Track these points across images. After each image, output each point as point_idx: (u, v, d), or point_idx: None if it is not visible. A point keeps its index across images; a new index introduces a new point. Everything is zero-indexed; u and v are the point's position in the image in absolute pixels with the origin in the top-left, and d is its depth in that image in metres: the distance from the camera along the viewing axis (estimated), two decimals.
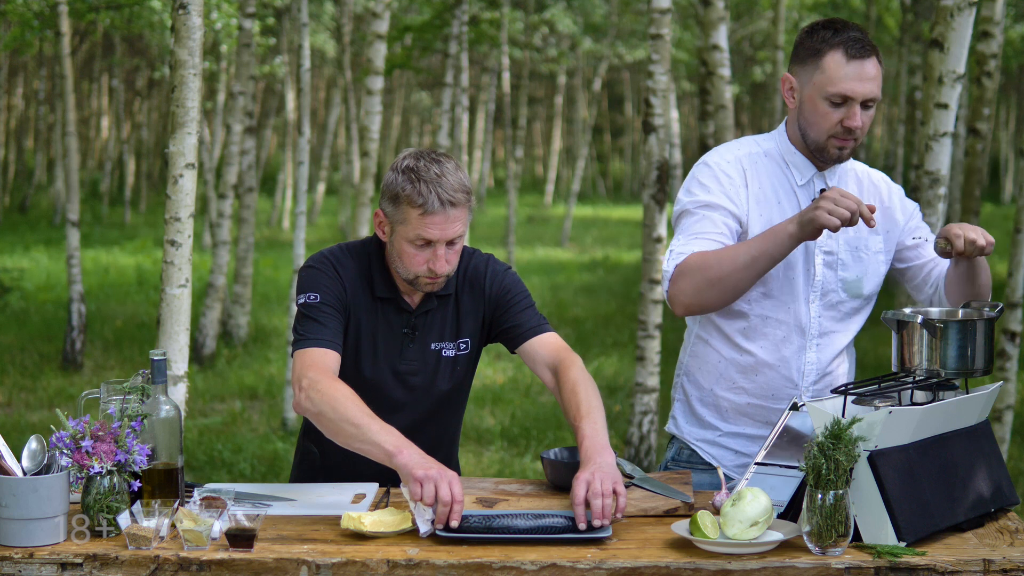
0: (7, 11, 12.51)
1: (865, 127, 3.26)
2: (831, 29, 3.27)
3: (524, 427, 9.18)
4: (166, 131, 23.77)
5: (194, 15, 4.41)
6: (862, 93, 3.21)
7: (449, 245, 3.11)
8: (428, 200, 3.04)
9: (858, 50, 3.22)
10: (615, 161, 43.70)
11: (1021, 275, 7.24)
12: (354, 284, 3.21)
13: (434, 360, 3.27)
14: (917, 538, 2.68)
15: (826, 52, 3.23)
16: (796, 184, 3.33)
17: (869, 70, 3.22)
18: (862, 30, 3.29)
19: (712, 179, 3.30)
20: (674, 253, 3.24)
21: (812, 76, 3.25)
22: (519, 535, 2.72)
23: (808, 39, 3.30)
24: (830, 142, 3.26)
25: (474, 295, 3.28)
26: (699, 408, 3.42)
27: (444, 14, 15.03)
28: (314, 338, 3.11)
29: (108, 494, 2.76)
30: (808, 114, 3.28)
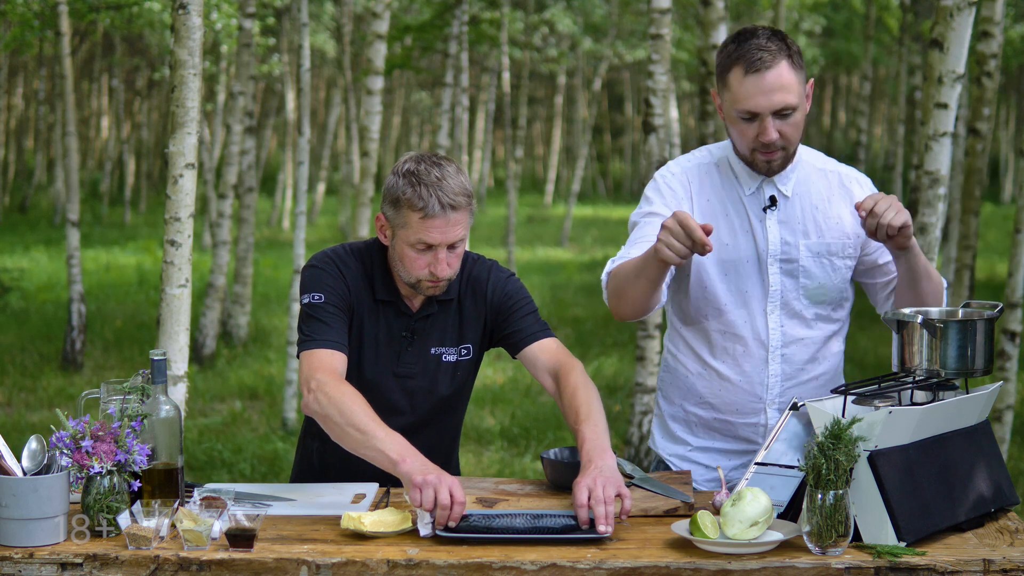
0: (7, 11, 12.51)
1: (790, 136, 3.15)
2: (735, 42, 3.16)
3: (524, 427, 9.18)
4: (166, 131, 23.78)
5: (194, 15, 4.41)
6: (767, 107, 3.10)
7: (450, 249, 3.11)
8: (429, 204, 3.04)
9: (757, 62, 3.09)
10: (615, 161, 43.69)
11: (1021, 275, 7.24)
12: (357, 285, 3.21)
13: (434, 365, 3.26)
14: (917, 538, 2.68)
15: (730, 68, 3.15)
16: (744, 194, 3.26)
17: (771, 81, 3.09)
18: (773, 34, 3.15)
19: (656, 192, 3.30)
20: (610, 261, 3.26)
21: (723, 93, 3.19)
22: (519, 535, 2.72)
23: (720, 54, 3.21)
24: (755, 155, 3.20)
25: (476, 301, 3.28)
26: (671, 423, 3.41)
27: (444, 14, 15.03)
28: (321, 339, 3.11)
29: (108, 494, 2.76)
30: (730, 130, 3.23)
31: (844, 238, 3.29)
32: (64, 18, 10.92)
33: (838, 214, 3.29)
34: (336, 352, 3.11)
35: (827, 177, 3.31)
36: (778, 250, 3.24)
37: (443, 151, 14.63)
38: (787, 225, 3.26)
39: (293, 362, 9.23)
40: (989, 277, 16.99)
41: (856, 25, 23.77)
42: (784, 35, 3.16)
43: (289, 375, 9.25)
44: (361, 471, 3.17)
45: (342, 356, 3.12)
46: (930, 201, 5.04)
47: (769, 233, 3.25)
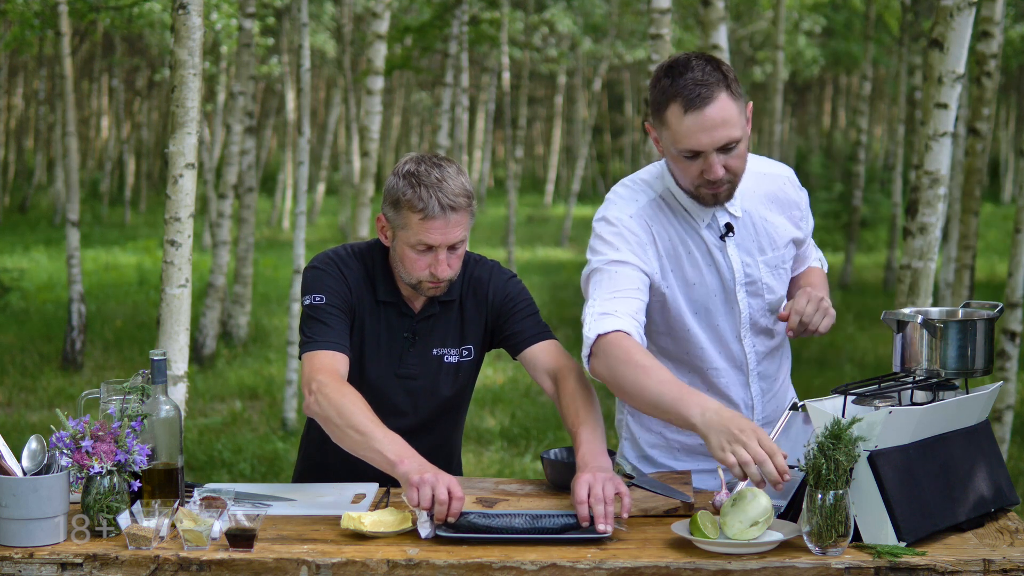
0: (7, 10, 12.51)
1: (735, 168, 3.01)
2: (670, 76, 2.97)
3: (524, 427, 9.18)
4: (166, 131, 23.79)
5: (194, 15, 4.41)
6: (709, 144, 2.95)
7: (451, 250, 3.11)
8: (429, 205, 3.04)
9: (695, 99, 2.92)
10: (615, 161, 43.69)
11: (1021, 275, 7.24)
12: (359, 286, 3.21)
13: (436, 366, 3.27)
14: (917, 538, 2.68)
15: (666, 105, 2.97)
16: (700, 227, 3.14)
17: (712, 116, 2.92)
18: (708, 63, 2.96)
19: (617, 236, 3.07)
20: (595, 315, 2.97)
21: (662, 131, 3.02)
22: (519, 535, 2.72)
23: (653, 89, 3.03)
24: (700, 191, 3.05)
25: (477, 302, 3.28)
26: (649, 450, 3.34)
27: (444, 14, 15.03)
28: (322, 340, 3.11)
29: (108, 494, 2.76)
30: (671, 167, 3.09)
31: (790, 245, 3.29)
32: (64, 18, 10.92)
33: (779, 221, 3.26)
34: (337, 353, 3.11)
35: (762, 182, 3.23)
36: (742, 275, 3.18)
37: (443, 151, 14.63)
38: (743, 246, 3.19)
39: (293, 362, 9.24)
40: (989, 277, 16.99)
41: (856, 25, 23.76)
42: (718, 61, 2.99)
43: (289, 375, 9.25)
44: (362, 471, 3.17)
45: (343, 357, 3.12)
46: (930, 201, 5.04)
47: (731, 260, 3.17)
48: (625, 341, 2.91)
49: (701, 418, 2.71)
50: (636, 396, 2.87)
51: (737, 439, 2.65)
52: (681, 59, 2.99)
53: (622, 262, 3.04)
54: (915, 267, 5.04)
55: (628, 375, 2.87)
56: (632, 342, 2.91)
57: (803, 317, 3.10)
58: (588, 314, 3.00)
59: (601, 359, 2.93)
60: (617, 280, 3.02)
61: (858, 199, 16.86)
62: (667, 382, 2.82)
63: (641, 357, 2.87)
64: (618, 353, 2.90)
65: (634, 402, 2.90)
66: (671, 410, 2.78)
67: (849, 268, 17.15)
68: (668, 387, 2.81)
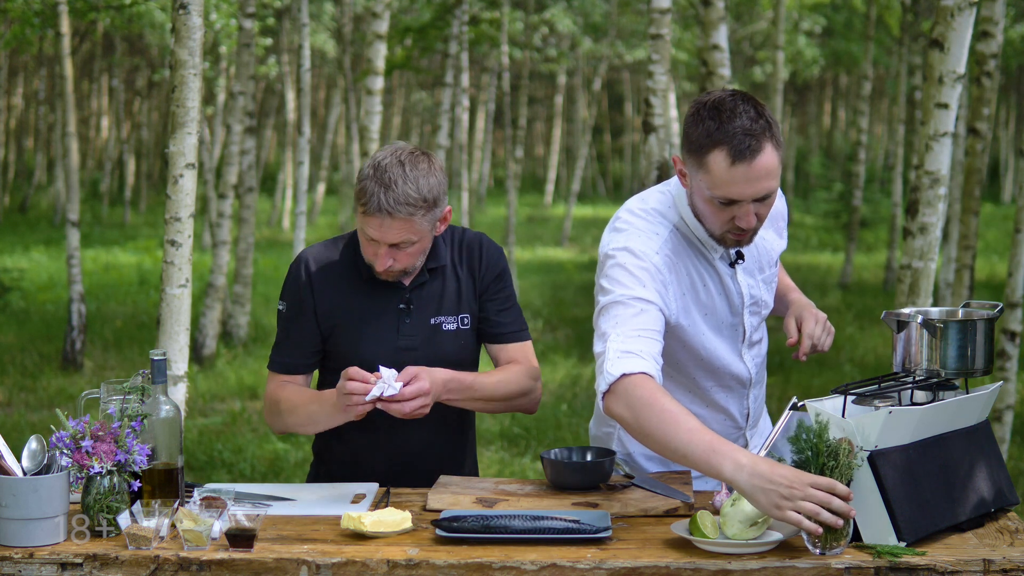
0: (8, 8, 12.52)
1: (764, 216, 2.97)
2: (716, 119, 2.86)
3: (524, 427, 9.18)
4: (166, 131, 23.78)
5: (194, 15, 4.41)
6: (751, 195, 2.89)
7: (394, 247, 3.17)
8: (370, 202, 3.12)
9: (744, 149, 2.83)
10: (615, 161, 43.69)
11: (1021, 275, 7.24)
12: (333, 276, 3.29)
13: (434, 334, 3.30)
14: (917, 538, 2.68)
15: (710, 150, 2.86)
16: (714, 258, 3.12)
17: (759, 168, 2.85)
18: (758, 111, 2.88)
19: (644, 272, 2.98)
20: (618, 351, 2.86)
21: (697, 172, 2.92)
22: (519, 535, 2.72)
23: (692, 128, 2.91)
24: (726, 236, 3.00)
25: (471, 269, 3.34)
26: (642, 460, 3.32)
27: (444, 14, 15.03)
28: (276, 360, 3.35)
29: (108, 494, 2.76)
30: (699, 208, 3.01)
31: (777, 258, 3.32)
32: (64, 18, 10.92)
33: (771, 236, 3.28)
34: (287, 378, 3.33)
35: None
36: (748, 297, 3.20)
37: (443, 151, 14.64)
38: (747, 269, 3.20)
39: None
40: (989, 277, 17.00)
41: (856, 25, 23.76)
42: (761, 106, 2.90)
43: None
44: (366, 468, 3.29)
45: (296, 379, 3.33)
46: (930, 201, 5.04)
47: (740, 286, 3.18)
48: (650, 384, 2.82)
49: (738, 475, 2.59)
50: (660, 442, 2.76)
51: (791, 495, 2.54)
52: (727, 101, 2.88)
53: (648, 301, 2.95)
54: (915, 267, 5.04)
55: (653, 420, 2.76)
56: (656, 386, 2.82)
57: (814, 340, 3.21)
58: (610, 349, 2.87)
59: (622, 399, 2.82)
60: (642, 319, 2.92)
61: (858, 199, 16.86)
62: (696, 431, 2.70)
63: (668, 402, 2.77)
64: (643, 395, 2.79)
65: (656, 447, 2.78)
66: (701, 461, 2.67)
67: (849, 268, 17.15)
68: (697, 437, 2.69)
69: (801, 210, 27.33)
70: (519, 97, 23.51)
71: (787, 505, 2.53)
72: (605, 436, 3.35)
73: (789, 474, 2.56)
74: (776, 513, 2.55)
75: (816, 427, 2.68)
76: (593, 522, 2.77)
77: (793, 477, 2.56)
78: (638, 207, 3.12)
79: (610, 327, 2.92)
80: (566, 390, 10.49)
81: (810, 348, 3.22)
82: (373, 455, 3.34)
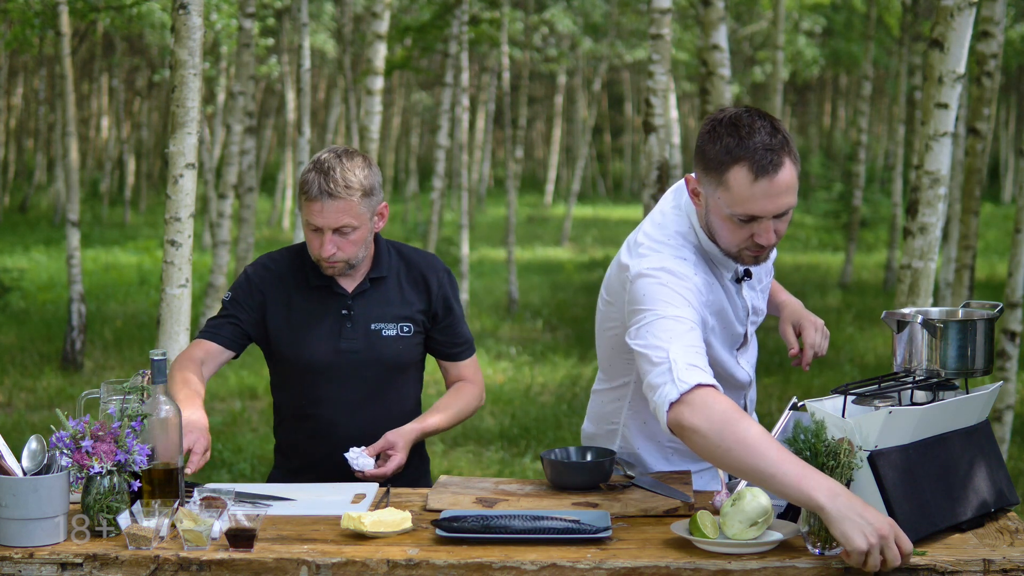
0: (8, 9, 12.52)
1: (782, 232, 2.94)
2: (735, 136, 2.85)
3: (524, 427, 9.18)
4: (166, 131, 23.77)
5: (194, 15, 4.41)
6: (773, 211, 2.87)
7: (338, 233, 3.38)
8: (311, 188, 3.37)
9: (767, 165, 2.82)
10: (615, 161, 43.69)
11: (1021, 275, 7.24)
12: (280, 280, 3.51)
13: (374, 339, 3.49)
14: (917, 538, 2.68)
15: (730, 167, 2.85)
16: (725, 278, 3.11)
17: (780, 183, 2.84)
18: (775, 126, 2.87)
19: (689, 293, 2.94)
20: (685, 364, 2.77)
21: (716, 190, 2.90)
22: (519, 535, 2.72)
23: (710, 144, 2.89)
24: (743, 253, 2.98)
25: (415, 284, 3.55)
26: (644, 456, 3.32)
27: (444, 14, 15.03)
28: (209, 330, 3.53)
29: (108, 494, 2.76)
30: (716, 226, 2.97)
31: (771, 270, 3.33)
32: (64, 18, 10.92)
33: None
34: (207, 343, 3.51)
35: None
36: (751, 309, 3.23)
37: (443, 151, 14.64)
38: (749, 283, 3.22)
39: None
40: (989, 277, 17.00)
41: (856, 25, 23.77)
42: (778, 122, 2.90)
43: None
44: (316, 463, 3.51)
45: (212, 346, 3.50)
46: (930, 201, 5.04)
47: (746, 300, 3.20)
48: (727, 399, 2.73)
49: (833, 503, 2.52)
50: (745, 460, 2.63)
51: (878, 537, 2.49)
52: (744, 118, 2.87)
53: (693, 322, 2.88)
54: (915, 267, 5.04)
55: (739, 436, 2.64)
56: (734, 403, 2.74)
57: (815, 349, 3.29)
58: (677, 360, 2.77)
59: (699, 411, 2.70)
60: (694, 336, 2.85)
61: (858, 199, 16.86)
62: (785, 453, 2.62)
63: (751, 422, 2.68)
64: (725, 409, 2.69)
65: (735, 463, 2.66)
66: (791, 484, 2.57)
67: (849, 268, 17.15)
68: (788, 459, 2.60)
69: (801, 210, 27.35)
70: (519, 97, 23.51)
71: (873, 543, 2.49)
72: (607, 434, 3.34)
73: (881, 518, 2.52)
74: (858, 544, 2.48)
75: (813, 427, 2.68)
76: (593, 522, 2.77)
77: (885, 521, 2.52)
78: (658, 232, 3.08)
79: (665, 341, 2.81)
80: (566, 390, 10.49)
81: (812, 357, 3.31)
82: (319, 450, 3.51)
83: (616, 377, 3.27)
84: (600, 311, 3.23)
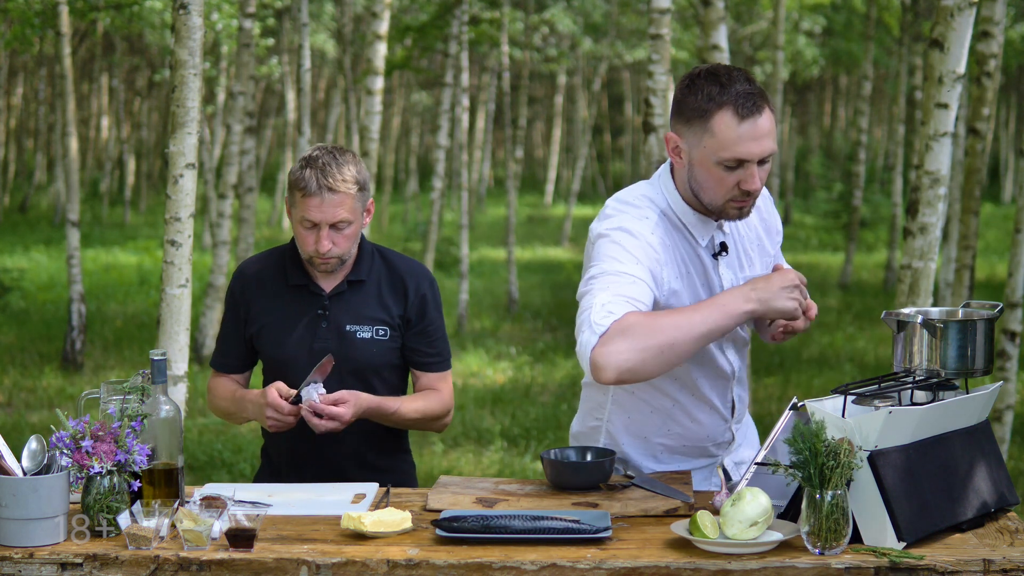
0: (8, 8, 12.52)
1: (763, 181, 3.01)
2: (716, 84, 2.95)
3: (524, 427, 9.18)
4: (166, 131, 23.79)
5: (194, 15, 4.41)
6: (759, 153, 2.95)
7: (334, 229, 3.41)
8: (309, 184, 3.39)
9: (750, 107, 2.92)
10: (615, 161, 43.69)
11: (1021, 275, 7.24)
12: (260, 283, 3.57)
13: (348, 340, 3.52)
14: (917, 538, 2.68)
15: (714, 112, 2.94)
16: (700, 246, 3.13)
17: (763, 126, 2.94)
18: (750, 78, 2.99)
19: (640, 251, 2.98)
20: (604, 308, 2.84)
21: (701, 139, 2.96)
22: (519, 535, 2.72)
23: (691, 96, 2.98)
24: (728, 205, 3.02)
25: (395, 289, 3.56)
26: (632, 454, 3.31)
27: (444, 14, 15.03)
28: (217, 359, 3.66)
29: (108, 494, 2.76)
30: (701, 178, 3.01)
31: (767, 257, 3.31)
32: (64, 17, 10.92)
33: (756, 234, 3.28)
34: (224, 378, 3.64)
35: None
36: None
37: (443, 151, 14.63)
38: (730, 264, 3.20)
39: None
40: (989, 277, 17.00)
41: (856, 25, 23.76)
42: (752, 76, 3.02)
43: None
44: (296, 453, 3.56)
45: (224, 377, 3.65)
46: (930, 201, 5.04)
47: (723, 280, 3.17)
48: (639, 314, 2.85)
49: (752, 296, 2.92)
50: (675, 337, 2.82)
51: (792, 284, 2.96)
52: (721, 68, 2.98)
53: (639, 278, 2.94)
54: (915, 267, 5.04)
55: (661, 326, 2.82)
56: (641, 312, 2.86)
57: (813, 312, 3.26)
58: (595, 305, 2.85)
59: (616, 338, 2.79)
60: (632, 289, 2.90)
61: (858, 199, 16.86)
62: (698, 309, 2.91)
63: (656, 314, 2.87)
64: (638, 319, 2.83)
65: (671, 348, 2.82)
66: (719, 316, 2.89)
67: (849, 268, 17.15)
68: (701, 306, 2.92)
69: (801, 210, 27.34)
70: (519, 97, 23.52)
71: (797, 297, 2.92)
72: (591, 431, 3.33)
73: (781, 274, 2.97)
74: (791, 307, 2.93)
75: (813, 427, 2.68)
76: (593, 522, 2.77)
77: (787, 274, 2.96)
78: (625, 195, 3.16)
79: (596, 290, 2.90)
80: (566, 390, 10.49)
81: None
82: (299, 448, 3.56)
83: None
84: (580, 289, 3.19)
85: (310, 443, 3.51)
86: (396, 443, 3.66)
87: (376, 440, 3.59)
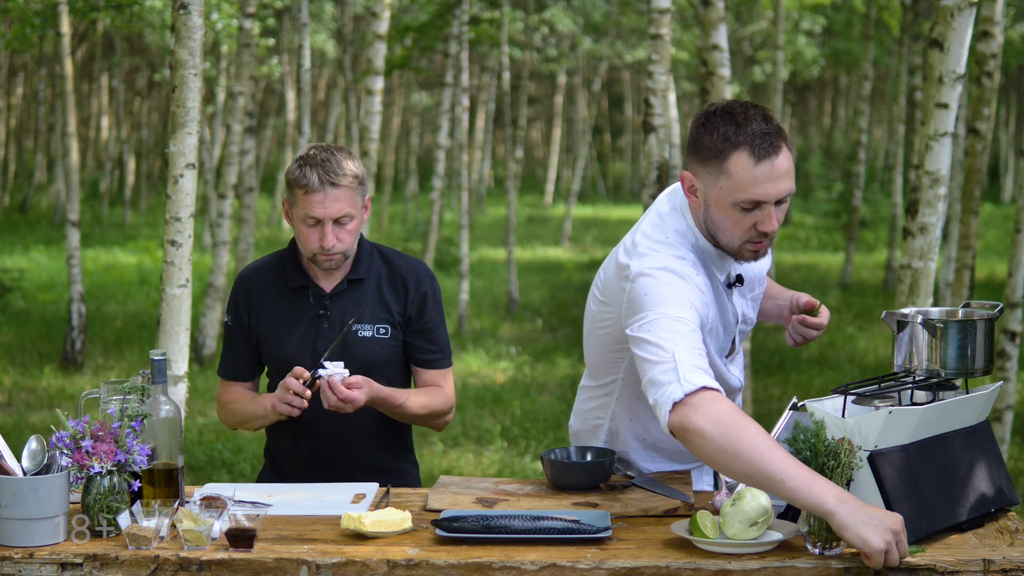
0: (8, 8, 12.52)
1: (780, 222, 2.95)
2: (732, 123, 2.89)
3: (524, 427, 9.18)
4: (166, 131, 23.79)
5: (195, 15, 4.41)
6: (775, 195, 2.89)
7: (337, 224, 3.42)
8: (310, 180, 3.40)
9: (766, 148, 2.86)
10: (615, 161, 43.69)
11: (1021, 275, 7.24)
12: (261, 287, 3.58)
13: (351, 339, 3.51)
14: (917, 538, 2.68)
15: (730, 153, 2.87)
16: (720, 280, 3.10)
17: (780, 167, 2.88)
18: (767, 115, 2.92)
19: (692, 293, 2.92)
20: (690, 365, 2.74)
21: (716, 179, 2.91)
22: (519, 535, 2.72)
23: (707, 135, 2.92)
24: (744, 247, 2.98)
25: (397, 291, 3.56)
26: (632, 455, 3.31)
27: (444, 14, 15.03)
28: (224, 368, 3.68)
29: (108, 494, 2.76)
30: (717, 219, 2.96)
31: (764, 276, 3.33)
32: (64, 17, 10.92)
33: None
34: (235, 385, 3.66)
35: None
36: (741, 317, 3.22)
37: (443, 151, 14.63)
38: (740, 290, 3.21)
39: None
40: (989, 277, 17.00)
41: (856, 25, 23.76)
42: (769, 112, 2.95)
43: None
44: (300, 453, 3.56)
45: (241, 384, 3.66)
46: (930, 201, 5.04)
47: (736, 307, 3.18)
48: (729, 403, 2.72)
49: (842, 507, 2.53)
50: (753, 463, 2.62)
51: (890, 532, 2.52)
52: (737, 106, 2.91)
53: (694, 323, 2.86)
54: (915, 267, 5.04)
55: (747, 439, 2.63)
56: (736, 407, 2.74)
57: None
58: (682, 361, 2.75)
59: (704, 413, 2.68)
60: (696, 338, 2.83)
61: (858, 199, 16.86)
62: (792, 459, 2.62)
63: (756, 427, 2.67)
64: (731, 411, 2.69)
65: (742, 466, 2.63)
66: (800, 488, 2.57)
67: (849, 268, 17.15)
68: (795, 464, 2.61)
69: (801, 210, 27.34)
70: (519, 97, 23.51)
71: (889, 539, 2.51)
72: (592, 430, 3.33)
73: (889, 514, 2.55)
74: (877, 545, 2.50)
75: (813, 427, 2.68)
76: (593, 522, 2.77)
77: (894, 517, 2.55)
78: (656, 232, 3.06)
79: (669, 341, 2.79)
80: (566, 390, 10.49)
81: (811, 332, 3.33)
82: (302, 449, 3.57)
83: (604, 375, 3.26)
84: (591, 310, 3.21)
85: (314, 443, 3.52)
86: (401, 443, 3.65)
87: (381, 440, 3.58)
